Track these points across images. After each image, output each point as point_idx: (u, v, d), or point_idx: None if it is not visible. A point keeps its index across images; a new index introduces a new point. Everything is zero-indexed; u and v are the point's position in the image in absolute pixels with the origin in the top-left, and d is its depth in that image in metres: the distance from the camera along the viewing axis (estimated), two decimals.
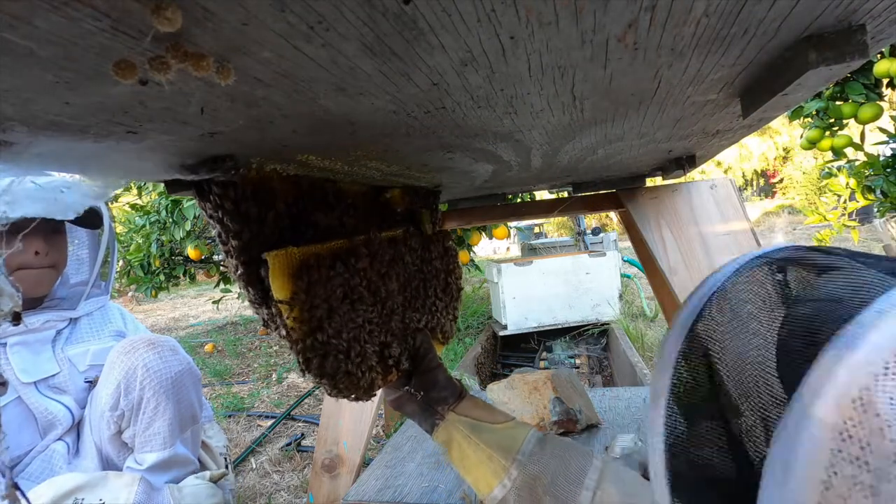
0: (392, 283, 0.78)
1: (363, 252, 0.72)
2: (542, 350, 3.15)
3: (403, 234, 0.86)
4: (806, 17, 0.37)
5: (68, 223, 1.16)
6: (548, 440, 0.70)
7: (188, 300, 7.59)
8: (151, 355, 1.05)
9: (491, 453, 0.69)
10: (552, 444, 0.69)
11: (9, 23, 0.22)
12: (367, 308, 0.71)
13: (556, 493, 0.63)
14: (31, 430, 1.06)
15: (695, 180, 1.21)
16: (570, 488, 0.63)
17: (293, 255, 0.60)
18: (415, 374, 0.77)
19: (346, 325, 0.66)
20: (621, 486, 0.62)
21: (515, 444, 0.68)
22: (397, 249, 0.82)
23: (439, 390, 0.75)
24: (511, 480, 0.66)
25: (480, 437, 0.70)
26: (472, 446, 0.70)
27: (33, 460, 1.06)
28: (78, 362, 1.15)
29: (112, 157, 0.46)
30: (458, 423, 0.72)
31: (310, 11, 0.26)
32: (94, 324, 1.22)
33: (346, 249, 0.69)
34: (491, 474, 0.68)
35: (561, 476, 0.65)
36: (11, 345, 1.06)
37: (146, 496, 0.98)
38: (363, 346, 0.69)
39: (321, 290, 0.62)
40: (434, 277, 0.93)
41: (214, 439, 1.30)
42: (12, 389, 1.04)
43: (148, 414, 1.05)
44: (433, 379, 0.76)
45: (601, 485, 0.62)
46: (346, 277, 0.67)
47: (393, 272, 0.78)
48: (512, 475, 0.66)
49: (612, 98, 0.52)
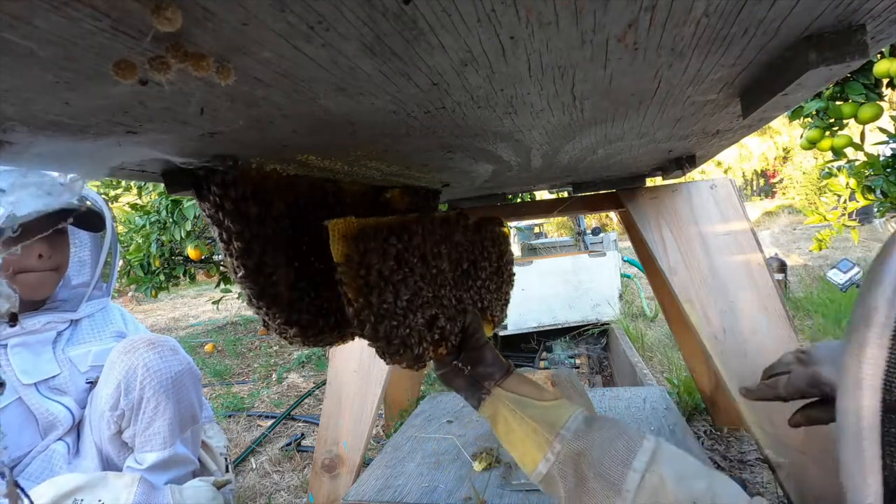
0: (443, 261, 0.82)
1: (416, 229, 0.75)
2: (542, 350, 3.14)
3: (456, 217, 0.90)
4: (806, 17, 0.37)
5: (71, 226, 1.16)
6: (595, 419, 0.69)
7: (188, 300, 7.59)
8: (152, 355, 1.05)
9: (536, 427, 0.68)
10: (599, 422, 0.68)
11: (9, 23, 0.22)
12: (419, 280, 0.74)
13: (601, 471, 0.62)
14: (31, 430, 1.06)
15: (695, 180, 1.21)
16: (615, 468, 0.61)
17: (351, 224, 0.65)
18: (463, 351, 0.79)
19: (399, 294, 0.70)
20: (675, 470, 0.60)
21: (560, 420, 0.68)
22: (449, 230, 0.86)
23: (486, 366, 0.76)
24: (554, 454, 0.65)
25: (525, 411, 0.70)
26: (517, 420, 0.70)
27: (33, 460, 1.06)
28: (79, 363, 1.15)
29: (112, 157, 0.46)
30: (504, 398, 0.73)
31: (310, 11, 0.26)
32: (95, 325, 1.23)
33: (400, 224, 0.73)
34: (535, 448, 0.67)
35: (607, 455, 0.63)
36: (12, 346, 1.06)
37: (146, 497, 0.98)
38: (414, 315, 0.72)
39: (375, 259, 0.66)
40: (485, 260, 0.95)
41: (215, 439, 1.30)
42: (13, 390, 1.04)
43: (148, 414, 1.05)
44: (480, 356, 0.78)
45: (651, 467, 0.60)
46: (399, 249, 0.71)
47: (444, 251, 0.82)
48: (555, 449, 0.66)
49: (612, 98, 0.52)
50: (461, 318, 0.83)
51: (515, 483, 1.08)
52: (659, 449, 0.63)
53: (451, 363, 0.78)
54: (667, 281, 1.15)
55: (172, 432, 1.07)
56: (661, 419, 1.35)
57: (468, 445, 1.29)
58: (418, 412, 1.62)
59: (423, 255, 0.76)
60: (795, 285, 3.73)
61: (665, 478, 0.59)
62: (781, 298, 1.09)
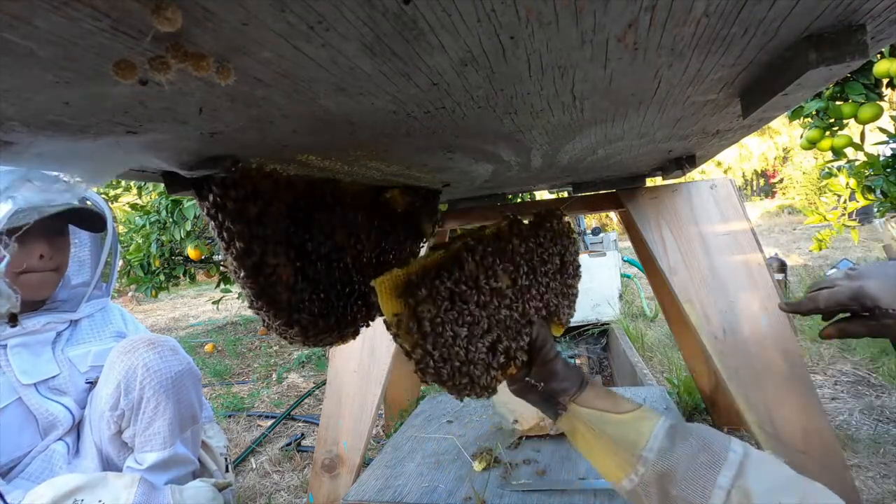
0: (500, 279, 0.78)
1: (465, 257, 0.72)
2: None
3: (508, 227, 0.85)
4: (806, 17, 0.37)
5: (72, 225, 1.16)
6: (678, 431, 0.65)
7: (188, 300, 7.59)
8: (152, 355, 1.05)
9: (616, 447, 0.66)
10: (682, 435, 0.65)
11: (9, 23, 0.22)
12: (475, 309, 0.71)
13: (686, 491, 0.60)
14: (31, 430, 1.06)
15: (695, 180, 1.21)
16: (700, 486, 0.59)
17: (398, 278, 0.63)
18: (533, 366, 0.76)
19: (457, 333, 0.67)
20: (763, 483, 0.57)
21: (642, 439, 0.65)
22: (502, 244, 0.81)
23: (559, 381, 0.73)
24: (638, 476, 0.63)
25: (605, 429, 0.68)
26: (596, 437, 0.68)
27: (33, 460, 1.06)
28: (79, 363, 1.15)
29: (112, 157, 0.46)
30: (581, 414, 0.70)
31: (310, 11, 0.26)
32: (94, 325, 1.23)
33: (449, 259, 0.70)
34: (617, 467, 0.66)
35: (690, 473, 0.60)
36: (12, 346, 1.06)
37: (146, 497, 0.98)
38: (475, 346, 0.70)
39: (427, 308, 0.64)
40: (546, 263, 0.90)
41: (215, 439, 1.30)
42: (12, 391, 1.04)
43: (148, 414, 1.05)
44: (552, 370, 0.75)
45: (737, 482, 0.58)
46: (449, 287, 0.68)
47: (499, 268, 0.78)
48: (639, 472, 0.64)
49: (612, 98, 0.52)
50: (527, 330, 0.79)
51: (515, 483, 1.08)
52: (746, 460, 0.60)
53: (523, 379, 0.76)
54: (667, 281, 1.15)
55: (172, 432, 1.07)
56: None
57: (468, 445, 1.29)
58: (418, 412, 1.62)
59: (475, 282, 0.72)
60: (795, 285, 3.73)
61: (751, 493, 0.56)
62: (781, 298, 1.09)
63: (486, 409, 1.57)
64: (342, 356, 1.32)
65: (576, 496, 1.02)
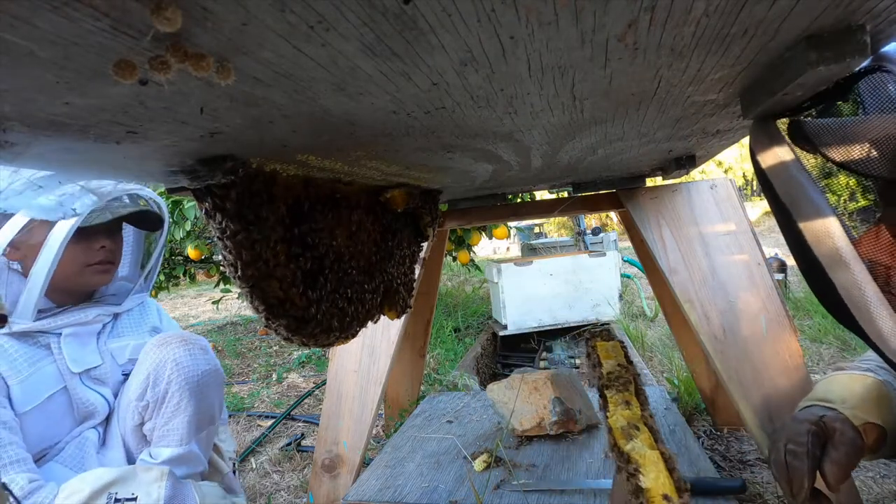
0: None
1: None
2: (542, 350, 3.14)
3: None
4: (806, 17, 0.37)
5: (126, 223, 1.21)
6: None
7: (188, 300, 7.59)
8: (182, 351, 1.08)
9: None
10: None
11: (9, 23, 0.22)
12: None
13: None
14: (70, 419, 1.10)
15: (695, 180, 1.21)
16: None
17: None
18: None
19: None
20: None
21: None
22: None
23: None
24: None
25: None
26: None
27: (67, 445, 1.09)
28: (118, 356, 1.19)
29: (112, 157, 0.46)
30: None
31: (310, 11, 0.26)
32: (133, 319, 1.26)
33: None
34: None
35: None
36: (65, 335, 1.10)
37: (174, 490, 0.99)
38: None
39: None
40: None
41: (226, 444, 1.31)
42: (60, 379, 1.07)
43: (170, 408, 1.07)
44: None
45: None
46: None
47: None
48: None
49: (612, 98, 0.52)
50: None
51: (515, 483, 1.08)
52: None
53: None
54: (667, 281, 1.15)
55: (190, 430, 1.08)
56: (661, 419, 1.35)
57: (468, 445, 1.29)
58: (418, 412, 1.62)
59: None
60: (795, 285, 3.73)
61: None
62: (781, 298, 1.09)
63: (486, 409, 1.57)
64: (342, 356, 1.32)
65: (576, 496, 1.02)
